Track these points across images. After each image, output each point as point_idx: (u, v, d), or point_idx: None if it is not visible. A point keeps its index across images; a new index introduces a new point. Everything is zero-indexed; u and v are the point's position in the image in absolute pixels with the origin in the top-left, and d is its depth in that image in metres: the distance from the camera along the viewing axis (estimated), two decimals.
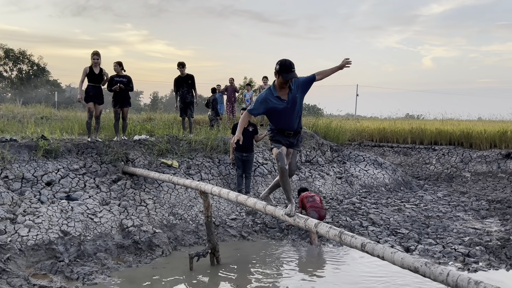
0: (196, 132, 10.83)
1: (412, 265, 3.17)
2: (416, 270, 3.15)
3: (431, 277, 3.06)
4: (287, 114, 4.36)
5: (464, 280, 2.83)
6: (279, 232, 7.81)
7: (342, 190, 11.00)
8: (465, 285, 2.81)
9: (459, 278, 2.86)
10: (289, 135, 4.47)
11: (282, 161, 4.38)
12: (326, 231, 3.90)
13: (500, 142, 14.84)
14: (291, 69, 4.15)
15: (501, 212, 9.37)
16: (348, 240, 3.67)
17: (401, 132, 17.82)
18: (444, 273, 2.97)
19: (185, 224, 7.62)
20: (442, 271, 3.00)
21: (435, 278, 3.03)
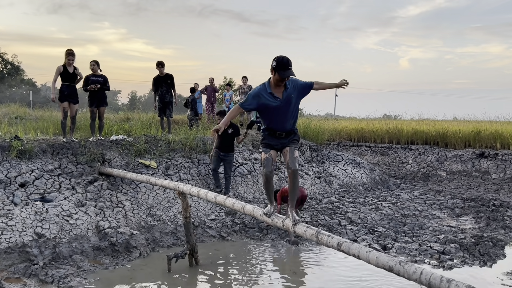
0: (175, 132, 10.74)
1: (387, 264, 3.21)
2: (391, 269, 3.19)
3: (405, 276, 3.11)
4: (280, 113, 4.19)
5: (436, 279, 2.88)
6: (258, 232, 7.81)
7: (321, 189, 11.08)
8: (438, 283, 2.86)
9: (431, 277, 2.91)
10: (280, 136, 4.29)
11: (268, 167, 4.26)
12: (304, 231, 3.91)
13: (475, 141, 15.21)
14: (288, 66, 4.02)
15: (475, 210, 9.60)
16: (325, 240, 3.70)
17: (379, 132, 18.08)
18: (418, 272, 3.02)
19: (163, 225, 7.54)
20: (415, 269, 3.05)
21: (409, 276, 3.07)
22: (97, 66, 9.20)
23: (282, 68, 4.01)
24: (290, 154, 4.27)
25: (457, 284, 2.73)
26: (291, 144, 4.33)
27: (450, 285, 2.77)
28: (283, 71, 4.00)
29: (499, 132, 14.79)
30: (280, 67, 4.01)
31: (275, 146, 4.33)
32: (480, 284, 5.55)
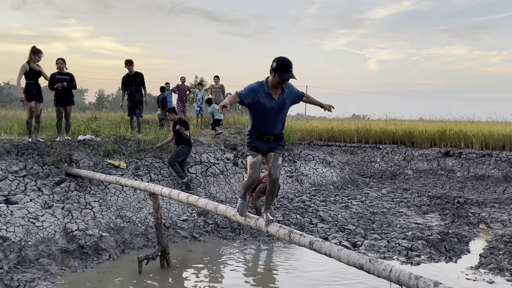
0: (145, 132, 10.57)
1: (357, 262, 3.28)
2: (361, 266, 3.26)
3: (375, 273, 3.17)
4: (272, 116, 4.04)
5: (405, 276, 2.96)
6: (231, 232, 7.80)
7: (292, 188, 11.17)
8: (407, 280, 2.94)
9: (401, 274, 2.99)
10: (268, 140, 4.13)
11: (255, 172, 4.10)
12: (276, 230, 3.94)
13: (440, 141, 15.73)
14: (289, 68, 3.84)
15: (441, 208, 9.93)
16: (297, 239, 3.73)
17: (348, 131, 18.42)
18: (387, 269, 3.10)
19: (133, 227, 7.42)
20: (385, 267, 3.12)
21: (378, 274, 3.14)
22: (64, 64, 8.95)
23: (283, 69, 3.83)
24: (274, 161, 4.14)
25: (425, 281, 2.81)
26: (277, 149, 4.20)
27: (418, 282, 2.85)
28: (283, 73, 3.83)
29: (463, 131, 15.34)
30: (281, 69, 3.83)
31: (262, 150, 4.17)
32: (446, 279, 5.75)
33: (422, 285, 2.82)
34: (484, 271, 6.02)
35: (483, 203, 10.46)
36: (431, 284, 2.78)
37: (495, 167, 13.74)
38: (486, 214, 9.38)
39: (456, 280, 5.72)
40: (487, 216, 9.15)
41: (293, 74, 3.89)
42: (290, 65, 3.85)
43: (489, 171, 13.73)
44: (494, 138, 14.54)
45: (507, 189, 12.28)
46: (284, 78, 3.86)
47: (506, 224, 8.51)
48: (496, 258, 6.45)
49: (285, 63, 3.83)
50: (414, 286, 2.89)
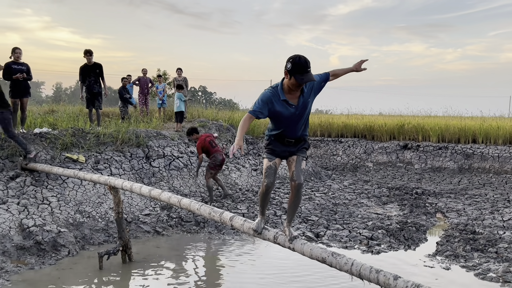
0: (104, 125, 10.26)
1: (320, 256, 3.30)
2: (324, 260, 3.28)
3: (337, 267, 3.20)
4: (293, 121, 3.54)
5: (366, 270, 3.01)
6: (195, 226, 7.72)
7: (257, 181, 11.20)
8: (367, 274, 2.99)
9: (362, 268, 3.04)
10: (289, 143, 3.66)
11: (269, 177, 3.62)
12: (241, 224, 3.91)
13: (399, 134, 16.24)
14: (307, 68, 3.29)
15: (400, 198, 10.25)
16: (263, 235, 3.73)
17: (311, 125, 18.65)
18: (349, 263, 3.13)
19: (93, 222, 7.19)
20: (347, 261, 3.16)
21: (340, 268, 3.17)
22: (21, 54, 8.56)
23: (299, 71, 3.28)
24: (297, 165, 3.64)
25: (385, 274, 2.87)
26: (300, 153, 3.70)
27: (378, 275, 2.91)
28: (300, 75, 3.28)
29: (420, 125, 15.90)
30: (297, 70, 3.28)
31: (281, 154, 3.70)
32: (405, 266, 5.94)
33: (382, 279, 2.88)
34: (440, 258, 6.27)
35: (439, 194, 10.90)
36: (391, 278, 2.83)
37: (451, 159, 14.33)
38: (443, 204, 9.77)
39: (415, 267, 5.93)
40: (444, 206, 9.54)
41: (312, 75, 3.36)
42: (307, 64, 3.30)
43: (445, 163, 14.30)
44: (450, 131, 15.16)
45: (462, 180, 12.85)
46: (303, 82, 3.33)
47: (461, 213, 8.90)
48: (452, 246, 6.73)
49: (302, 63, 3.28)
50: (374, 279, 2.94)
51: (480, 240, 6.97)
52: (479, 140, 14.66)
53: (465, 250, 6.53)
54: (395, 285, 2.79)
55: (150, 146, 9.66)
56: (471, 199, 10.23)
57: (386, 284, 2.85)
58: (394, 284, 2.79)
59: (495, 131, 14.38)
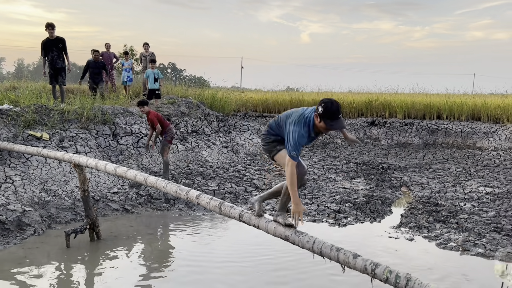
0: (69, 102, 9.92)
1: (283, 234, 3.34)
2: (287, 238, 3.32)
3: (300, 245, 3.24)
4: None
5: (327, 248, 3.06)
6: (165, 203, 7.69)
7: (228, 158, 11.21)
8: (328, 252, 3.05)
9: (323, 246, 3.09)
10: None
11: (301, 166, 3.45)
12: (207, 202, 3.90)
13: (367, 111, 16.51)
14: (338, 115, 3.16)
15: (367, 173, 10.51)
16: (228, 211, 3.73)
17: (282, 102, 18.69)
18: (311, 241, 3.17)
19: (59, 201, 7.03)
20: (309, 239, 3.19)
21: (303, 245, 3.21)
22: None
23: (330, 117, 3.14)
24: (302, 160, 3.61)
25: (345, 253, 2.94)
26: None
27: (339, 253, 2.97)
28: (331, 121, 3.15)
29: (387, 102, 16.21)
30: (328, 116, 3.14)
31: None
32: (370, 237, 6.15)
33: (342, 257, 2.93)
34: (404, 229, 6.51)
35: (404, 168, 11.23)
36: (350, 256, 2.89)
37: (416, 135, 14.74)
38: (407, 178, 10.09)
39: (379, 238, 6.13)
40: (408, 180, 9.85)
41: (343, 122, 3.26)
42: (339, 111, 3.17)
43: (410, 138, 14.71)
44: (416, 108, 15.54)
45: (427, 155, 13.27)
46: (333, 129, 3.21)
47: (424, 186, 9.22)
48: (415, 218, 6.99)
49: (334, 110, 3.14)
50: (335, 257, 2.99)
51: (442, 211, 7.26)
52: (444, 116, 15.10)
53: (428, 222, 6.80)
54: (354, 264, 2.85)
55: (117, 123, 9.45)
56: (434, 173, 10.60)
57: (346, 262, 2.91)
58: (354, 263, 2.86)
59: (459, 107, 14.84)
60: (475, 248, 5.71)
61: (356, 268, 2.85)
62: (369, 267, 2.76)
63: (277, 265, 5.18)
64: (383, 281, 2.71)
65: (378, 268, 2.72)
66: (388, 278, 2.66)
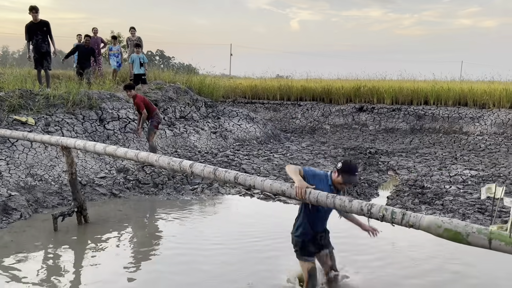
0: (55, 86, 9.78)
1: (280, 189, 3.38)
2: (283, 193, 3.36)
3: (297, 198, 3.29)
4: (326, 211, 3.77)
5: (323, 196, 3.15)
6: (153, 187, 7.68)
7: (216, 144, 11.20)
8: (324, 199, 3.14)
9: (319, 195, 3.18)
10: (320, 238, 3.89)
11: (314, 280, 3.79)
12: (201, 170, 3.89)
13: (355, 97, 16.57)
14: (354, 172, 3.64)
15: (354, 157, 10.59)
16: (222, 175, 3.73)
17: (271, 89, 18.68)
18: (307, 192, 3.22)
19: (46, 185, 6.98)
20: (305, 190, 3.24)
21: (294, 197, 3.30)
22: None
23: (348, 172, 3.59)
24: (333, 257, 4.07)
25: (341, 198, 3.06)
26: (330, 246, 4.03)
27: (334, 199, 3.07)
28: (348, 175, 3.59)
29: (376, 88, 16.28)
30: (346, 171, 3.59)
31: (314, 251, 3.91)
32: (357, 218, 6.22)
33: (338, 202, 3.05)
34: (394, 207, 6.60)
35: (391, 153, 11.35)
36: (346, 200, 3.02)
37: (404, 120, 14.87)
38: (394, 162, 10.20)
39: (365, 220, 6.20)
40: (395, 164, 9.97)
41: (357, 179, 3.82)
42: (356, 169, 3.69)
43: (398, 124, 14.83)
44: (404, 93, 15.64)
45: (413, 140, 13.42)
46: (348, 182, 3.62)
47: (411, 170, 9.34)
48: (401, 200, 7.10)
49: (352, 168, 3.62)
50: (331, 204, 3.10)
51: (428, 194, 7.37)
52: (431, 102, 15.23)
53: (414, 203, 6.90)
54: (351, 206, 2.97)
55: (104, 109, 9.37)
56: (421, 157, 10.73)
57: (342, 206, 3.02)
58: (350, 206, 2.98)
59: (446, 93, 14.97)
60: None
61: (353, 210, 2.97)
62: (365, 208, 2.90)
63: (266, 247, 5.21)
64: (379, 219, 2.83)
65: (373, 208, 2.85)
66: (384, 215, 2.79)
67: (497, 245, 2.38)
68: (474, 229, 2.45)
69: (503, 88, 14.19)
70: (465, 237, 2.47)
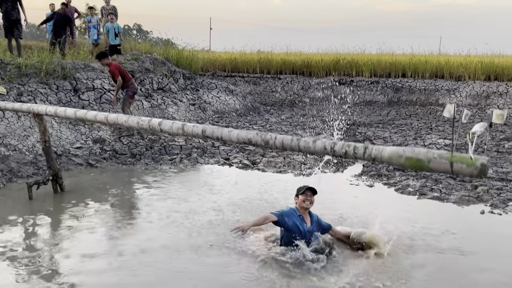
0: (26, 56, 9.49)
1: (246, 137, 3.33)
2: (250, 141, 3.31)
3: (263, 144, 3.28)
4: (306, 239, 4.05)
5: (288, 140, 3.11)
6: (131, 158, 7.62)
7: (195, 116, 11.14)
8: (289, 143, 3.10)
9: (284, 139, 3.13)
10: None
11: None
12: (170, 126, 3.85)
13: (335, 69, 16.60)
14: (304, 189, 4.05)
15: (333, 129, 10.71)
16: (190, 130, 3.69)
17: (251, 62, 18.51)
18: (273, 138, 3.19)
19: (20, 155, 6.85)
20: (270, 136, 3.22)
21: (266, 143, 3.25)
22: None
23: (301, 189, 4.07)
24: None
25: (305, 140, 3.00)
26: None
27: (299, 142, 3.03)
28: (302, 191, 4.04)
29: (355, 60, 16.34)
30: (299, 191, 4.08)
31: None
32: (334, 185, 6.35)
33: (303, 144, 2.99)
34: (365, 178, 6.76)
35: (369, 124, 11.52)
36: (310, 142, 2.97)
37: (381, 93, 15.04)
38: (371, 132, 10.37)
39: (342, 185, 6.36)
40: (372, 134, 10.13)
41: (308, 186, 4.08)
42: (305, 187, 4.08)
43: (376, 97, 15.00)
44: (382, 66, 15.76)
45: (390, 112, 13.61)
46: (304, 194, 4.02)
47: (387, 140, 9.52)
48: (376, 167, 7.24)
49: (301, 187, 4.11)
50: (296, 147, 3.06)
51: None
52: (408, 74, 15.41)
53: (388, 170, 7.07)
54: (315, 147, 2.94)
55: (78, 79, 9.16)
56: (397, 128, 10.93)
57: (307, 148, 2.99)
58: (314, 146, 2.95)
59: (423, 65, 15.15)
60: (431, 192, 6.01)
61: (317, 150, 2.94)
62: (328, 147, 2.86)
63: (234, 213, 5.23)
64: (342, 155, 2.81)
65: (336, 145, 2.82)
66: (347, 151, 2.76)
67: (459, 168, 2.33)
68: (436, 154, 2.40)
69: (479, 61, 14.45)
70: (426, 164, 2.42)
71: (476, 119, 12.22)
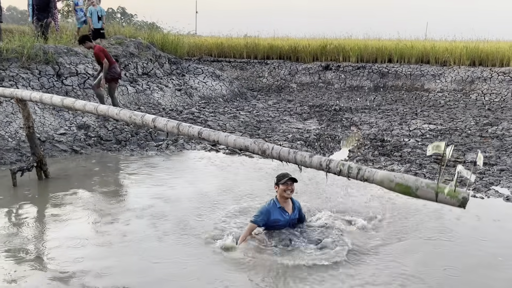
0: (7, 40, 9.24)
1: (243, 144, 3.41)
2: (247, 148, 3.39)
3: (259, 153, 3.36)
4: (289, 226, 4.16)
5: (285, 152, 3.23)
6: (116, 144, 7.56)
7: (181, 101, 11.04)
8: (286, 155, 3.22)
9: (281, 151, 3.25)
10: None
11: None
12: (164, 124, 3.85)
13: (321, 55, 16.56)
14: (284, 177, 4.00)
15: (319, 114, 10.76)
16: (186, 130, 3.70)
17: (238, 47, 18.34)
18: (270, 148, 3.31)
19: (3, 142, 6.73)
20: (267, 146, 3.32)
21: (263, 153, 3.33)
22: None
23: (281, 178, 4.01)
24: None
25: (302, 154, 3.14)
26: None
27: (296, 155, 3.16)
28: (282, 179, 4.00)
29: (342, 46, 16.30)
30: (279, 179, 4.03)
31: None
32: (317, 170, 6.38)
33: (300, 158, 3.12)
34: (351, 163, 6.81)
35: (355, 110, 11.57)
36: (306, 156, 3.09)
37: (368, 78, 15.08)
38: (357, 118, 10.42)
39: None
40: (358, 120, 10.19)
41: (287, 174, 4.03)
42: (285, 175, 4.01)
43: (362, 82, 15.04)
44: (368, 51, 15.76)
45: (376, 97, 13.68)
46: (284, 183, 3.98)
47: (372, 125, 9.59)
48: (362, 152, 7.31)
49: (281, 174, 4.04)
50: (292, 159, 3.18)
51: (388, 146, 7.63)
52: (394, 60, 15.45)
53: (374, 155, 7.14)
54: (311, 162, 3.05)
55: (61, 63, 8.97)
56: (383, 113, 11.01)
57: (303, 162, 3.09)
58: (310, 161, 3.06)
59: (409, 51, 15.20)
60: (415, 176, 6.09)
61: (313, 165, 3.05)
62: (323, 163, 2.99)
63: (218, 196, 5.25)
64: (337, 173, 2.93)
65: (332, 163, 2.95)
66: (341, 170, 2.89)
67: (443, 198, 2.52)
68: (423, 183, 2.57)
69: (464, 46, 14.55)
70: (414, 191, 2.60)
71: (460, 104, 12.37)
